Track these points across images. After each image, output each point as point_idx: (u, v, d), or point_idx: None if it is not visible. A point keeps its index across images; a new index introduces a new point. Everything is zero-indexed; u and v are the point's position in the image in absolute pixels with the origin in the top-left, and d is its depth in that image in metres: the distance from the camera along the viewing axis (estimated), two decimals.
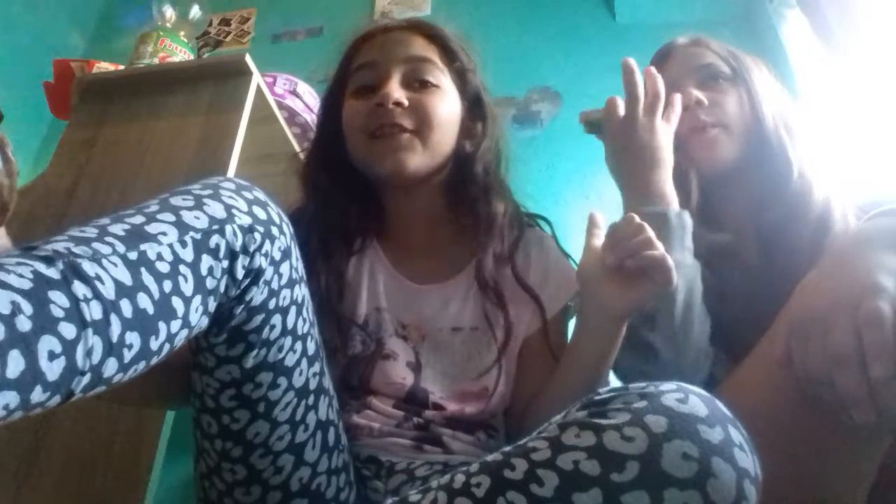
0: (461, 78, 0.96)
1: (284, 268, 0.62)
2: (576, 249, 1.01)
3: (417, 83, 0.91)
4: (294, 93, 1.44)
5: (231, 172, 1.03)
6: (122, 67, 1.33)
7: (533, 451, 0.47)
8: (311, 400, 0.68)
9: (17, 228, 1.16)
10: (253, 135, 1.14)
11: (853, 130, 1.50)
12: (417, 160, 0.88)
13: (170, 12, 1.43)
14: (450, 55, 0.95)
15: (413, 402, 0.82)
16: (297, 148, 1.33)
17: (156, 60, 1.32)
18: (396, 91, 0.88)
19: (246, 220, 0.57)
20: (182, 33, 1.41)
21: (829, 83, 1.67)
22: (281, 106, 1.35)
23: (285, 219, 0.63)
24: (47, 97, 1.43)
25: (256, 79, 1.16)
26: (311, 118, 1.42)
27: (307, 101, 1.45)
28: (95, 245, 0.47)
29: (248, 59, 1.15)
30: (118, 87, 1.22)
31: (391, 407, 0.81)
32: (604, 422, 0.45)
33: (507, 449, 0.49)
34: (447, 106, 0.92)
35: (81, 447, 0.86)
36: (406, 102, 0.88)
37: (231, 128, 1.08)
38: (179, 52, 1.36)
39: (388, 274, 0.91)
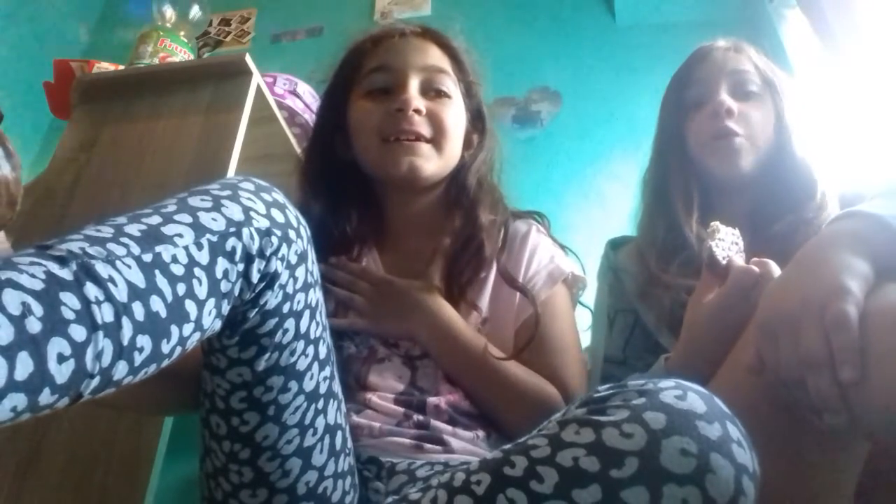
0: (468, 90, 0.99)
1: (300, 272, 0.61)
2: (576, 249, 1.01)
3: (433, 92, 0.93)
4: (294, 93, 1.44)
5: (231, 172, 1.03)
6: (122, 67, 1.33)
7: (533, 449, 0.47)
8: (320, 404, 0.68)
9: (17, 228, 1.16)
10: (253, 135, 1.14)
11: (853, 130, 1.50)
12: (433, 166, 0.91)
13: (170, 12, 1.42)
14: (461, 67, 0.98)
15: (412, 398, 0.82)
16: (297, 148, 1.33)
17: (156, 60, 1.32)
18: (416, 98, 0.90)
19: (264, 223, 0.56)
20: (182, 33, 1.40)
21: (828, 83, 1.67)
22: (281, 106, 1.35)
23: (303, 221, 0.63)
24: (47, 97, 1.43)
25: (256, 79, 1.16)
26: (311, 118, 1.42)
27: (307, 101, 1.45)
28: (110, 246, 0.47)
29: (248, 59, 1.15)
30: (118, 87, 1.22)
31: (392, 403, 0.81)
32: (603, 419, 0.46)
33: (507, 447, 0.49)
34: (458, 116, 0.95)
35: (81, 447, 0.86)
36: (424, 110, 0.90)
37: (231, 128, 1.08)
38: (179, 52, 1.36)
39: None
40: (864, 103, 1.49)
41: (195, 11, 1.47)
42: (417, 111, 0.89)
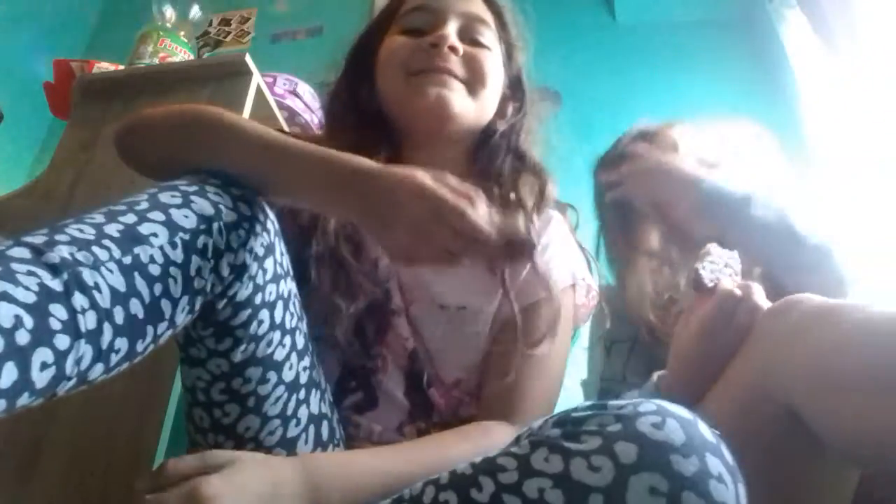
0: (508, 52, 0.92)
1: (269, 263, 0.62)
2: None
3: (471, 40, 0.86)
4: (294, 93, 1.44)
5: None
6: (122, 67, 1.33)
7: (501, 471, 0.45)
8: (301, 394, 0.68)
9: (17, 228, 1.15)
10: None
11: (854, 130, 1.50)
12: (463, 104, 0.82)
13: (170, 12, 1.42)
14: (504, 27, 0.92)
15: (415, 368, 0.80)
16: None
17: (156, 60, 1.32)
18: (454, 35, 0.83)
19: (231, 217, 0.57)
20: (182, 33, 1.40)
21: (829, 83, 1.67)
22: (281, 106, 1.35)
23: (270, 214, 0.63)
24: (47, 97, 1.43)
25: (256, 79, 1.16)
26: (311, 118, 1.42)
27: (307, 101, 1.44)
28: (95, 249, 0.48)
29: (248, 59, 1.15)
30: (118, 87, 1.22)
31: (402, 395, 0.79)
32: (573, 447, 0.43)
33: (477, 462, 0.48)
34: (497, 70, 0.88)
35: (82, 445, 0.86)
36: (461, 50, 0.83)
37: None
38: (179, 52, 1.36)
39: None
40: (863, 103, 1.50)
41: (195, 11, 1.47)
42: (453, 49, 0.82)
